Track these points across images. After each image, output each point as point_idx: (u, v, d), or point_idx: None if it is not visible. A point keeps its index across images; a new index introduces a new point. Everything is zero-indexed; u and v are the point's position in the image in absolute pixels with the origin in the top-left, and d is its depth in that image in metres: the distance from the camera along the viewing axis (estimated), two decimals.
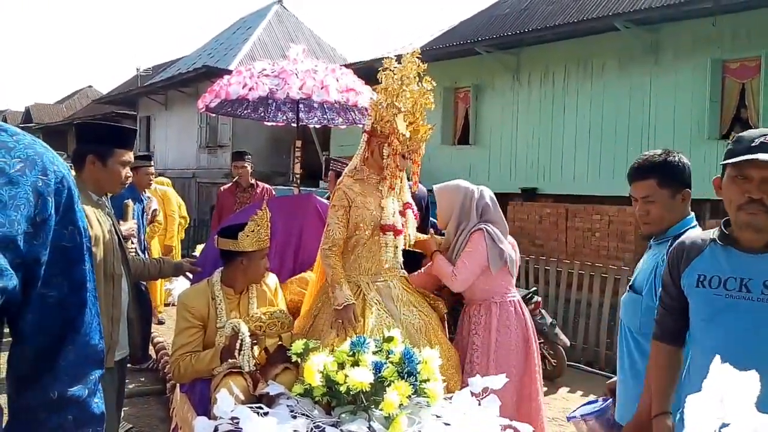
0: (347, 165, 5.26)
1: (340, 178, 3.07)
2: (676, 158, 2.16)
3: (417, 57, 2.87)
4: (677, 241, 1.94)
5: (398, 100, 2.85)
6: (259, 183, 6.21)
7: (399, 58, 2.93)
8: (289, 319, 2.88)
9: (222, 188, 6.33)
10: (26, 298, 0.96)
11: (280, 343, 2.88)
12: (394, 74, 2.87)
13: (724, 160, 1.69)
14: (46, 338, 1.00)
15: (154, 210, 6.37)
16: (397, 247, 3.02)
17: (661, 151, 2.19)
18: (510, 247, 3.14)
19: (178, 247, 6.84)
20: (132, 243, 4.08)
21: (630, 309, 2.21)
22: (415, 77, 2.90)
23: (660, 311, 1.93)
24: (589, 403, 2.59)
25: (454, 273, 3.02)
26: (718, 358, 1.17)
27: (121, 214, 3.48)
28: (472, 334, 3.05)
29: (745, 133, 1.70)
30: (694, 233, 1.95)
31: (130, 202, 3.93)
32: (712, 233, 1.81)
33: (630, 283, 2.26)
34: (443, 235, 3.31)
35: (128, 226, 3.78)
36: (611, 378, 2.58)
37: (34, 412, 1.00)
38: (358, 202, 2.91)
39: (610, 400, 2.47)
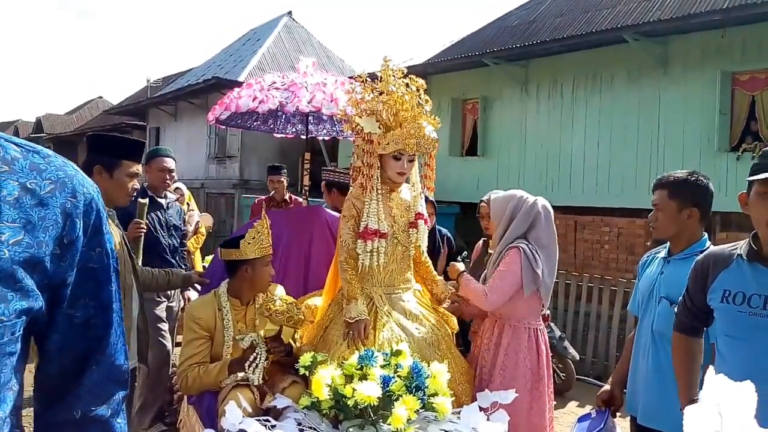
0: (340, 175, 5.28)
1: (350, 190, 3.08)
2: (695, 178, 2.26)
3: (387, 62, 2.96)
4: (705, 253, 1.97)
5: (371, 106, 2.90)
6: (293, 197, 6.19)
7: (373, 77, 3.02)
8: (300, 319, 2.86)
9: (256, 200, 6.35)
10: (51, 318, 0.96)
11: (275, 334, 2.85)
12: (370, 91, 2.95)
13: (751, 175, 1.70)
14: (70, 358, 1.01)
15: (197, 222, 6.50)
16: (392, 255, 2.95)
17: (688, 171, 2.31)
18: (547, 273, 2.92)
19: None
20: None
21: (668, 319, 2.18)
22: (394, 82, 2.94)
23: (681, 308, 1.98)
24: (583, 418, 2.54)
25: (486, 293, 2.89)
26: (711, 368, 1.15)
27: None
28: (483, 350, 2.99)
29: None
30: (722, 246, 1.96)
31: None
32: (740, 248, 1.80)
33: (661, 295, 2.26)
34: (457, 252, 3.29)
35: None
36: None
37: (57, 429, 1.03)
38: (364, 213, 2.92)
39: (608, 411, 2.45)
